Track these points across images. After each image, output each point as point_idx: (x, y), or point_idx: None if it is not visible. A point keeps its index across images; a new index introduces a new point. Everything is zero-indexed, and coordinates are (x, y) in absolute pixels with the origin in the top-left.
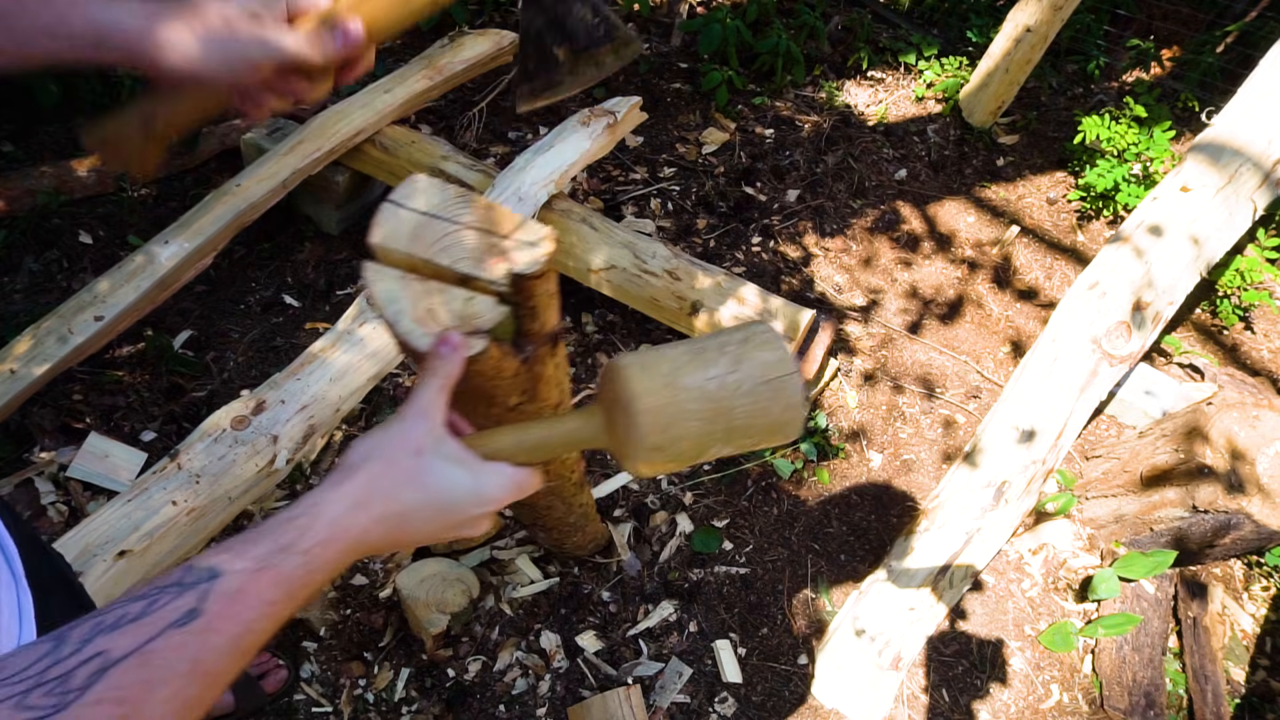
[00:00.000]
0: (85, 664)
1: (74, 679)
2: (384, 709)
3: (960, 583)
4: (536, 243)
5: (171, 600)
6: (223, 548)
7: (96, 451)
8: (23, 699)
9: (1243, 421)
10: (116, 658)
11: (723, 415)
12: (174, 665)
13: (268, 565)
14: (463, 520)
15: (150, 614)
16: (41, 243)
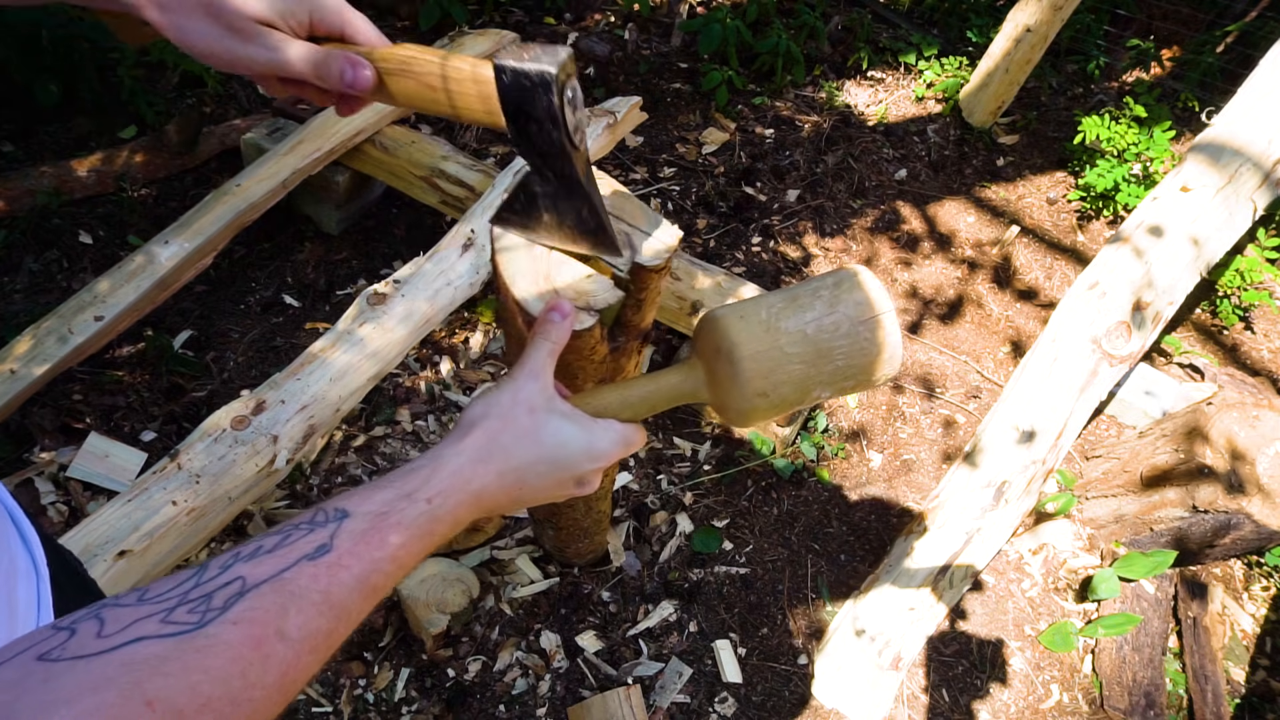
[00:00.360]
0: (225, 587)
1: (214, 599)
2: (384, 709)
3: (960, 583)
4: (663, 239)
5: (303, 536)
6: (349, 493)
7: (96, 451)
8: (168, 614)
9: (1243, 421)
10: (254, 583)
11: (823, 357)
12: (307, 594)
13: (393, 510)
14: (576, 476)
15: (284, 547)
16: (41, 243)
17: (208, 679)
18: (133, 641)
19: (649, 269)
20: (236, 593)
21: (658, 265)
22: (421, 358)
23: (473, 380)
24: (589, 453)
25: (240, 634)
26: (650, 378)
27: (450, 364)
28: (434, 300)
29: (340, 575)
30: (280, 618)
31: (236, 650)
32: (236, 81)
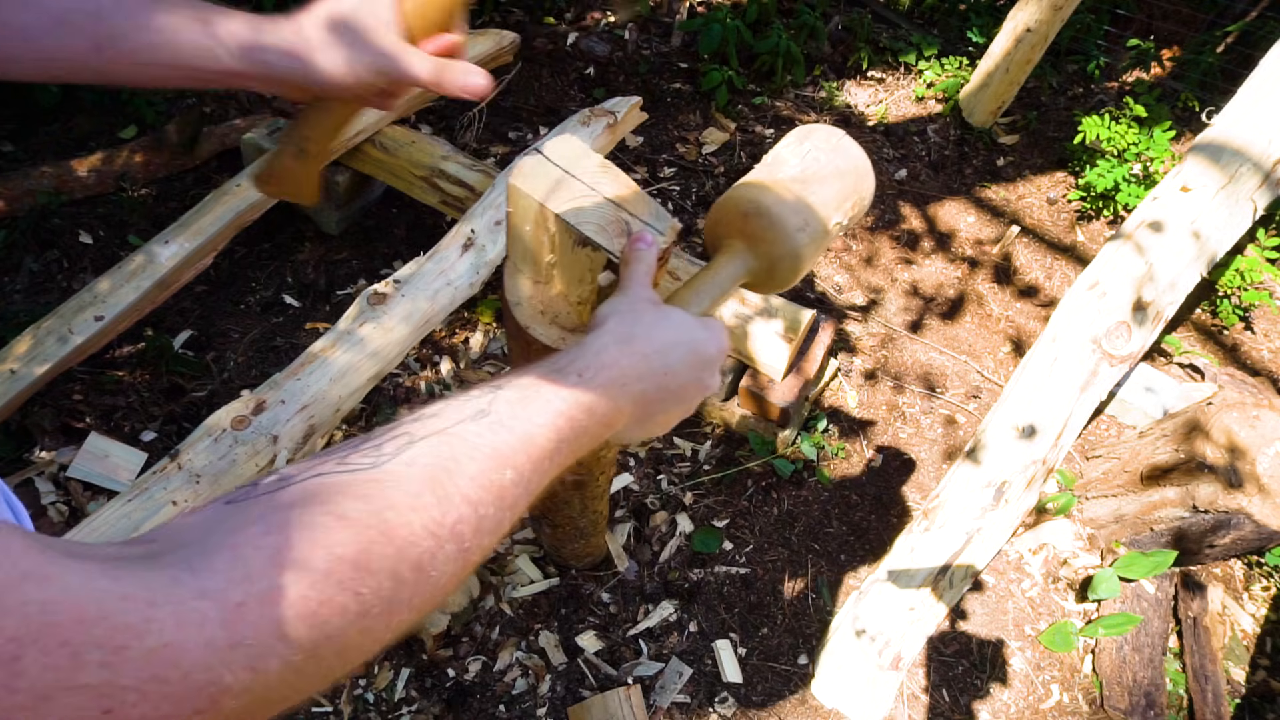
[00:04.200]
0: (394, 439)
1: (385, 448)
2: (384, 709)
3: (960, 583)
4: (663, 230)
5: (463, 404)
6: (502, 375)
7: (96, 451)
8: (343, 458)
9: (1243, 421)
10: (421, 436)
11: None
12: (476, 447)
13: (546, 380)
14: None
15: (444, 413)
16: (41, 243)
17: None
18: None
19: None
20: (405, 443)
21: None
22: (422, 358)
23: (473, 380)
24: (714, 340)
25: (418, 473)
26: (707, 270)
27: (450, 364)
28: (434, 300)
29: (503, 435)
30: (453, 465)
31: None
32: None
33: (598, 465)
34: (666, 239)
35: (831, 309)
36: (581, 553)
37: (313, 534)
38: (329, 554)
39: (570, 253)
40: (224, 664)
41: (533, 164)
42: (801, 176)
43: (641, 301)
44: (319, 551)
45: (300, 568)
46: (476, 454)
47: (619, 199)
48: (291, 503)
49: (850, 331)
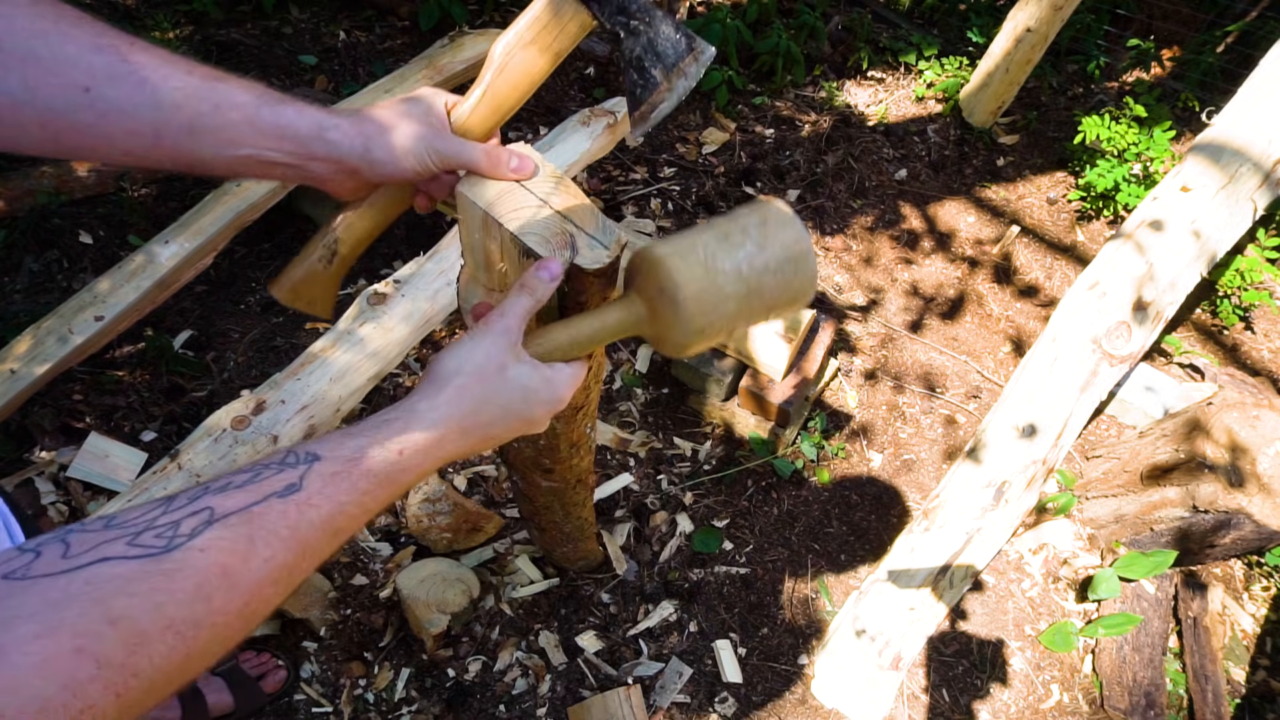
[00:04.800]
0: (193, 515)
1: (182, 526)
2: (384, 709)
3: (960, 583)
4: (608, 245)
5: (274, 474)
6: (321, 439)
7: (97, 451)
8: (134, 538)
9: (1243, 421)
10: (222, 514)
11: (755, 294)
12: (275, 529)
13: (364, 457)
14: (533, 421)
15: (254, 484)
16: (41, 243)
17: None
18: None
19: (587, 272)
20: (205, 521)
21: (597, 269)
22: (422, 358)
23: None
24: (548, 399)
25: (207, 560)
26: (595, 314)
27: None
28: (434, 300)
29: (308, 514)
30: (248, 548)
31: (203, 575)
32: None
33: (571, 474)
34: (610, 253)
35: (831, 309)
36: (573, 556)
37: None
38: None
39: (517, 263)
40: None
41: None
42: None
43: (492, 362)
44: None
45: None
46: (274, 539)
47: (566, 210)
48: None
49: (850, 331)
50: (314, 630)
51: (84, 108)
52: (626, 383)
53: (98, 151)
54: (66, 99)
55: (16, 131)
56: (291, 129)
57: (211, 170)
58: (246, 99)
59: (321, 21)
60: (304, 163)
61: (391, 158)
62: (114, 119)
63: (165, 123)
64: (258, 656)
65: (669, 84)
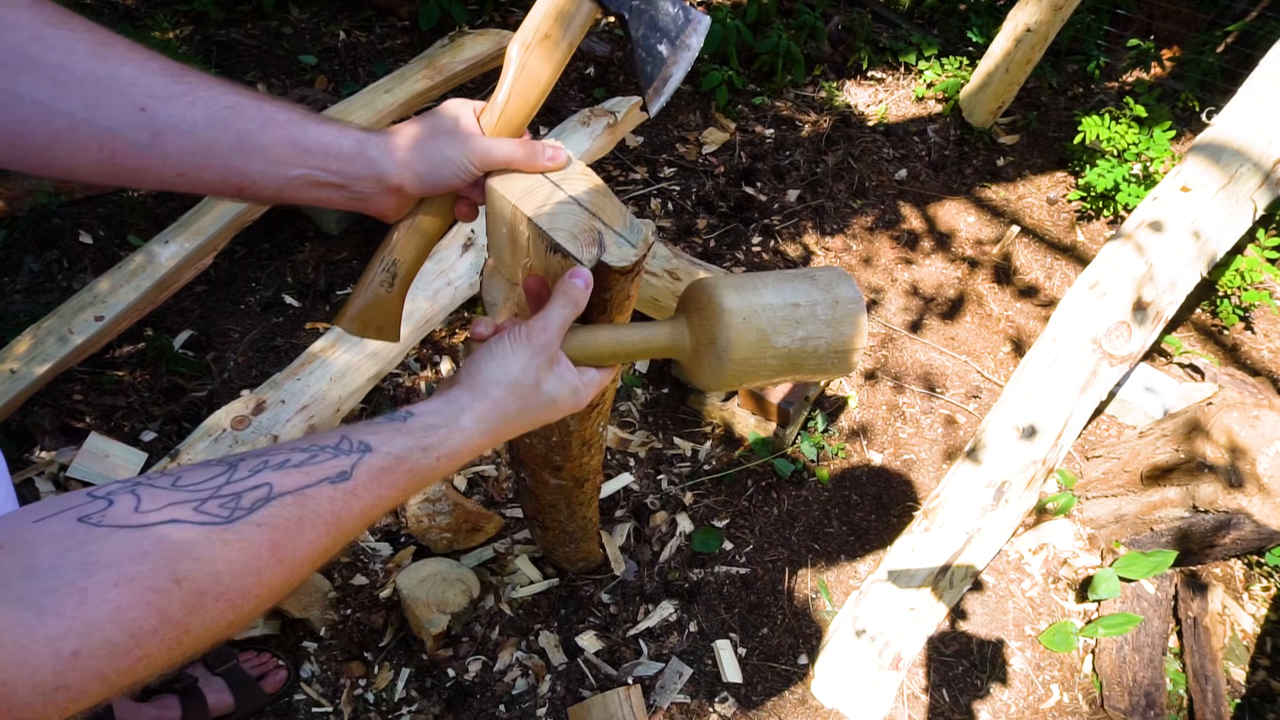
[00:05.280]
0: (253, 490)
1: (243, 500)
2: (384, 709)
3: (960, 583)
4: (635, 244)
5: (329, 459)
6: (375, 428)
7: (96, 451)
8: (200, 504)
9: (1243, 421)
10: (279, 492)
11: (793, 366)
12: (322, 513)
13: (408, 458)
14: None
15: (310, 465)
16: (41, 243)
17: (229, 570)
18: (167, 522)
19: (614, 270)
20: (263, 498)
21: (624, 267)
22: (421, 358)
23: None
24: (573, 402)
25: (262, 536)
26: (642, 327)
27: (450, 364)
28: (434, 300)
29: (352, 504)
30: (298, 529)
31: (257, 550)
32: None
33: (580, 472)
34: (638, 252)
35: None
36: (574, 557)
37: (152, 597)
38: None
39: (543, 258)
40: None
41: None
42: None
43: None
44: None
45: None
46: (320, 521)
47: (594, 208)
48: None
49: None
50: (314, 630)
51: (139, 127)
52: (626, 383)
53: (151, 172)
54: (124, 118)
55: (76, 151)
56: (335, 148)
57: (261, 193)
58: (290, 117)
59: (321, 21)
60: (349, 182)
61: (432, 169)
62: (168, 138)
63: (216, 140)
64: (258, 656)
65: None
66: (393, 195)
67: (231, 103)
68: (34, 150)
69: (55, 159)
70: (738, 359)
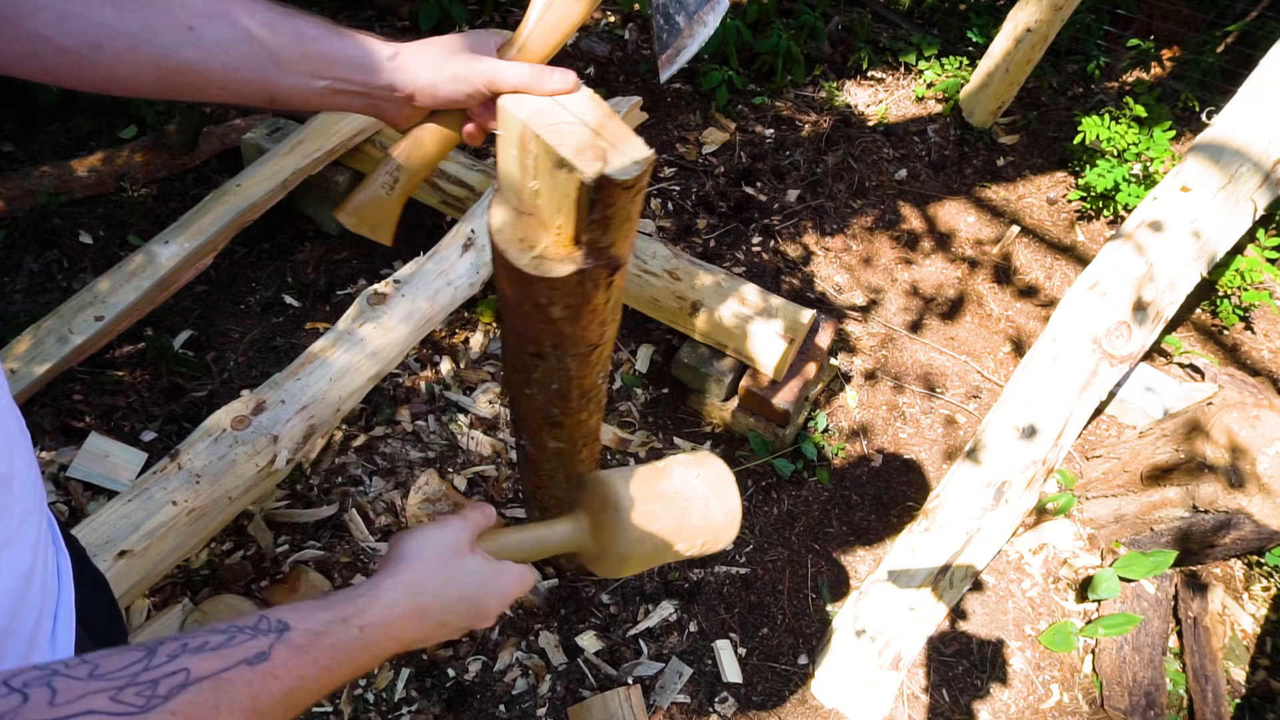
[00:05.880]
0: (170, 676)
1: (160, 687)
2: (384, 709)
3: (960, 583)
4: (637, 159)
5: (247, 640)
6: (295, 607)
7: (96, 451)
8: (117, 693)
9: (1243, 421)
10: (196, 678)
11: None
12: (239, 697)
13: (328, 632)
14: (484, 613)
15: (228, 647)
16: (41, 243)
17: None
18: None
19: (616, 183)
20: (180, 684)
21: (626, 180)
22: (422, 358)
23: (473, 380)
24: (498, 592)
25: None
26: (542, 524)
27: (450, 364)
28: (434, 300)
29: (270, 685)
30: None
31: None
32: None
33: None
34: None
35: (831, 309)
36: (564, 559)
37: None
38: None
39: (550, 176)
40: None
41: None
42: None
43: (448, 549)
44: None
45: None
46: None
47: (599, 128)
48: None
49: (850, 331)
50: None
51: (189, 45)
52: (626, 383)
53: (199, 86)
54: (176, 37)
55: (135, 71)
56: (357, 59)
57: (291, 103)
58: (319, 31)
59: None
60: (367, 91)
61: (443, 83)
62: (213, 55)
63: (254, 56)
64: None
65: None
66: (405, 105)
67: (266, 20)
68: (100, 69)
69: (116, 77)
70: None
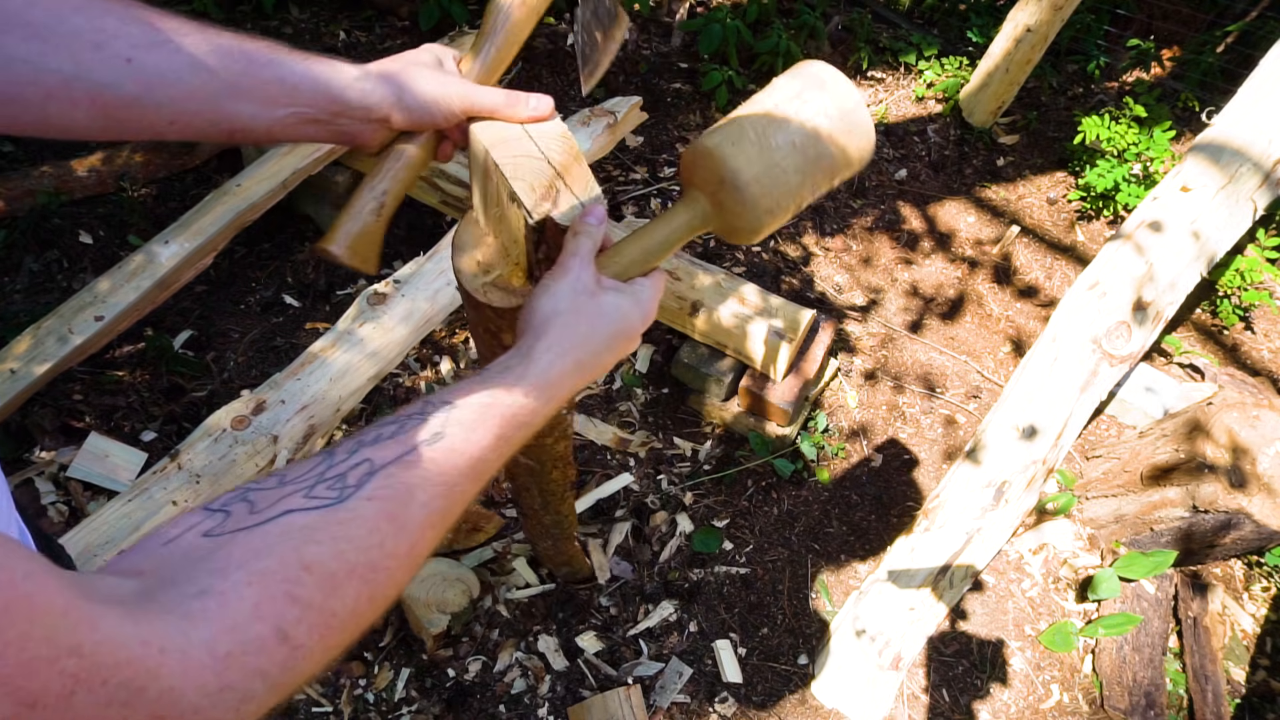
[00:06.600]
0: (356, 468)
1: (349, 478)
2: (384, 709)
3: (960, 583)
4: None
5: (418, 425)
6: (454, 387)
7: (96, 451)
8: (309, 490)
9: (1243, 421)
10: (380, 464)
11: (813, 162)
12: (428, 475)
13: (495, 403)
14: (634, 337)
15: (402, 434)
16: (41, 243)
17: (352, 547)
18: (284, 514)
19: (560, 226)
20: (367, 472)
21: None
22: (422, 358)
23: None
24: (640, 314)
25: (376, 509)
26: (661, 221)
27: (450, 364)
28: (434, 300)
29: (455, 460)
30: (408, 494)
31: (374, 523)
32: None
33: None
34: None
35: (831, 309)
36: (556, 558)
37: (287, 588)
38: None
39: (504, 208)
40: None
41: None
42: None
43: (582, 294)
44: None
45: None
46: (428, 483)
47: (561, 166)
48: (267, 548)
49: (850, 331)
50: None
51: (128, 79)
52: (626, 383)
53: (144, 123)
54: (113, 72)
55: (70, 109)
56: (323, 84)
57: (251, 135)
58: (273, 57)
59: (321, 21)
60: (335, 118)
61: (421, 104)
62: (157, 87)
63: (204, 86)
64: None
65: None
66: (379, 128)
67: (214, 47)
68: (29, 109)
69: (50, 117)
70: (752, 178)
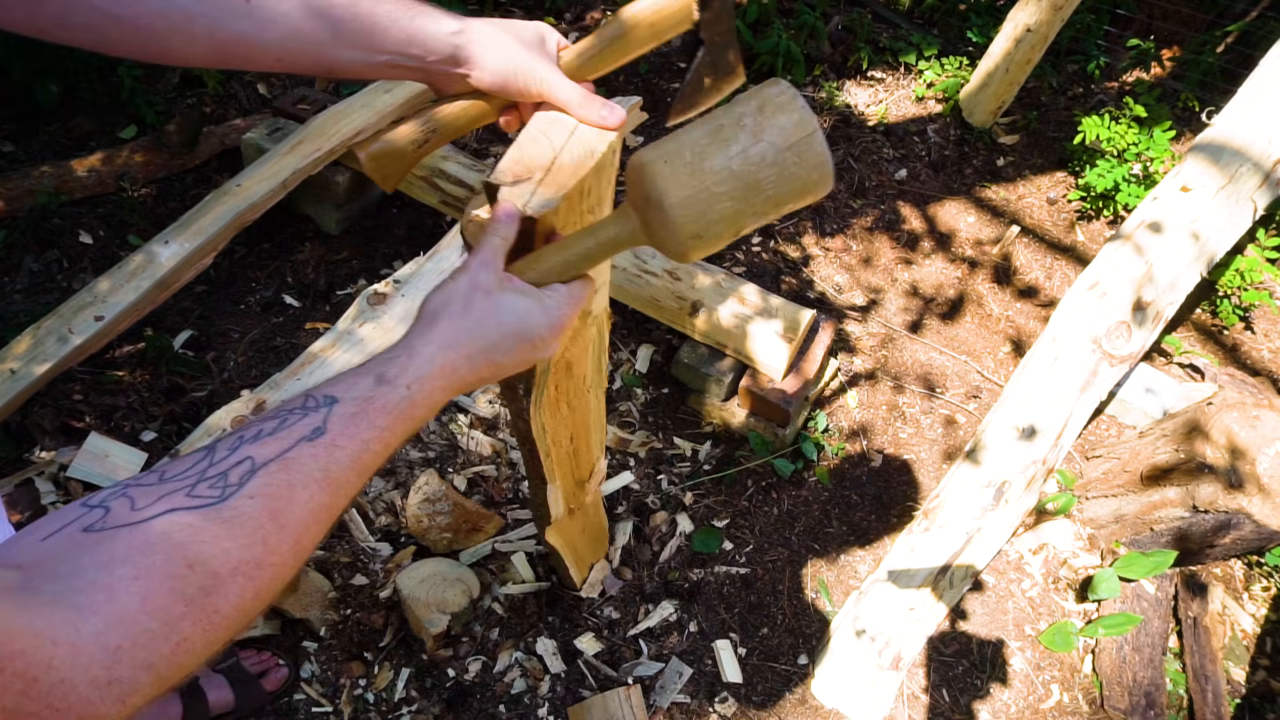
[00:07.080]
0: (237, 466)
1: (230, 477)
2: (384, 709)
3: (960, 583)
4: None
5: (299, 420)
6: (333, 381)
7: (96, 451)
8: (191, 489)
9: (1243, 421)
10: (261, 462)
11: (753, 190)
12: (309, 471)
13: (377, 395)
14: (537, 343)
15: (283, 430)
16: (41, 243)
17: (236, 545)
18: (165, 513)
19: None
20: (248, 471)
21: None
22: None
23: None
24: (546, 320)
25: (258, 507)
26: (587, 232)
27: None
28: None
29: (336, 455)
30: (289, 492)
31: (257, 520)
32: (236, 81)
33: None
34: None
35: (831, 309)
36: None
37: (172, 584)
38: (187, 603)
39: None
40: (102, 698)
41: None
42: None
43: (478, 291)
44: (179, 604)
45: (164, 615)
46: (310, 480)
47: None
48: (150, 545)
49: (850, 331)
50: (314, 630)
51: (244, 17)
52: (626, 383)
53: (254, 59)
54: (233, 11)
55: (189, 43)
56: (421, 38)
57: (348, 74)
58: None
59: None
60: (427, 65)
61: (502, 76)
62: (270, 29)
63: (312, 32)
64: (259, 655)
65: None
66: (459, 80)
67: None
68: (155, 40)
69: (171, 50)
70: (677, 201)
